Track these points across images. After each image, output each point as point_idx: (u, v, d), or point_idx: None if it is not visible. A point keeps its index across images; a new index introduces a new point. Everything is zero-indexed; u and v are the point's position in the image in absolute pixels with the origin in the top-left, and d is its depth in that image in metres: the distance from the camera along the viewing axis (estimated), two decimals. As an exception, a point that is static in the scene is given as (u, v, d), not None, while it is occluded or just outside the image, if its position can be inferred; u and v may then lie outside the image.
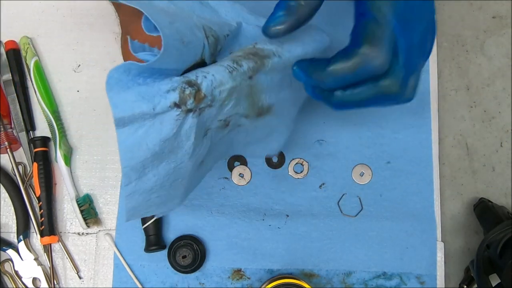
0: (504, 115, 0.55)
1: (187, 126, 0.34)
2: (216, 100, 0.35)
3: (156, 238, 0.50)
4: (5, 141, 0.53)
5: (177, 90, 0.33)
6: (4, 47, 0.55)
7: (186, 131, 0.34)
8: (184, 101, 0.33)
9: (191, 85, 0.33)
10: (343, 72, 0.34)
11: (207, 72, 0.34)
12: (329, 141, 0.54)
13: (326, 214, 0.52)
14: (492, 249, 0.46)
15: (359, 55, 0.33)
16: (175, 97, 0.33)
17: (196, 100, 0.33)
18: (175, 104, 0.33)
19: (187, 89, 0.33)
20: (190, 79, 0.33)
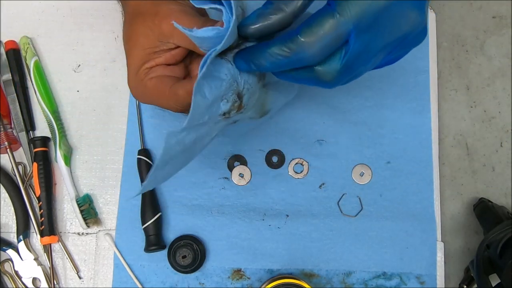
0: (504, 115, 0.55)
1: (217, 127, 0.37)
2: (246, 109, 0.37)
3: (156, 238, 0.50)
4: (5, 141, 0.53)
5: (230, 102, 0.35)
6: (4, 47, 0.55)
7: (214, 131, 0.37)
8: (230, 111, 0.36)
9: (240, 97, 0.36)
10: (278, 57, 0.32)
11: (248, 83, 0.36)
12: (329, 141, 0.54)
13: (326, 214, 0.52)
14: (492, 249, 0.46)
15: (294, 43, 0.31)
16: (226, 108, 0.35)
17: (237, 111, 0.36)
18: (224, 113, 0.36)
19: (237, 102, 0.36)
20: (239, 91, 0.35)
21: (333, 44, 0.31)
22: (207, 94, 0.33)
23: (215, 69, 0.34)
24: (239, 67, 0.35)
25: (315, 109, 0.54)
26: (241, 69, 0.36)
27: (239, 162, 0.53)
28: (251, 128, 0.54)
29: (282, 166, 0.53)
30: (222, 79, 0.34)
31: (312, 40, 0.31)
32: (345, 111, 0.54)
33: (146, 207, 0.51)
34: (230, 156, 0.54)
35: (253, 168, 0.53)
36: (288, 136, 0.54)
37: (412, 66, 0.55)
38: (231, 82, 0.35)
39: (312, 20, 0.31)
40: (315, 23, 0.30)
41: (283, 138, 0.54)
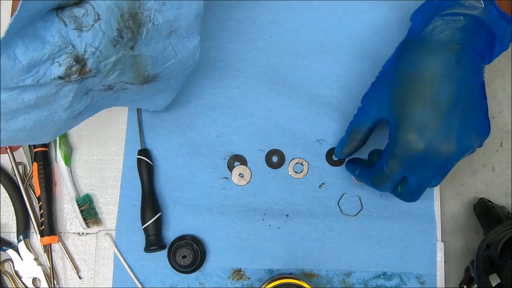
0: (504, 115, 0.55)
1: (67, 88, 0.35)
2: (100, 72, 0.35)
3: (156, 238, 0.50)
4: (5, 141, 0.53)
5: (63, 66, 0.33)
6: (4, 47, 0.55)
7: (65, 92, 0.35)
8: (69, 75, 0.33)
9: (78, 61, 0.33)
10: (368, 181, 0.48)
11: (95, 47, 0.34)
12: (329, 141, 0.54)
13: (326, 214, 0.52)
14: (492, 249, 0.46)
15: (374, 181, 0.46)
16: (60, 72, 0.33)
17: (80, 75, 0.34)
18: (59, 77, 0.33)
19: (74, 66, 0.33)
20: (78, 54, 0.33)
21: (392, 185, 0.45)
22: (19, 56, 0.31)
23: (40, 27, 0.32)
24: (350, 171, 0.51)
25: (315, 109, 0.54)
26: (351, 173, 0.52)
27: (239, 162, 0.53)
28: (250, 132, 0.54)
29: (282, 166, 0.53)
30: (47, 40, 0.32)
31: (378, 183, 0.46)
32: (345, 111, 0.54)
33: (146, 207, 0.51)
34: (230, 156, 0.54)
35: (253, 168, 0.53)
36: (288, 136, 0.54)
37: (412, 66, 0.55)
38: (61, 45, 0.32)
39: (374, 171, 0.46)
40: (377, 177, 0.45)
41: (283, 138, 0.54)
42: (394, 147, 0.43)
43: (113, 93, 0.40)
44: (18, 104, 0.33)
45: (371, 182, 0.46)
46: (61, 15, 0.33)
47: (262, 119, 0.54)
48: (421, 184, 0.44)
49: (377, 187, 0.46)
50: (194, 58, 0.43)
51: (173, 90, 0.47)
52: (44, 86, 0.33)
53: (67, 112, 0.37)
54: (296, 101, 0.54)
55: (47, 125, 0.37)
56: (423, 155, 0.41)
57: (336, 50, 0.55)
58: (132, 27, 0.36)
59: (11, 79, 0.31)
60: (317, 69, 0.55)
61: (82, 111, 0.39)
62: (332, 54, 0.55)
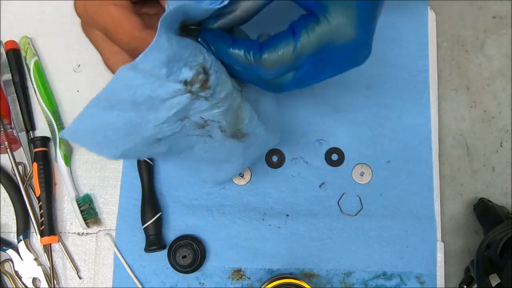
0: (504, 115, 0.55)
1: (177, 100, 0.35)
2: (214, 96, 0.36)
3: (156, 238, 0.50)
4: (5, 141, 0.53)
5: (193, 70, 0.33)
6: (4, 47, 0.55)
7: (173, 104, 0.35)
8: (193, 83, 0.34)
9: (205, 72, 0.34)
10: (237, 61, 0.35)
11: (218, 68, 0.35)
12: (329, 141, 0.54)
13: (326, 213, 0.52)
14: (492, 249, 0.46)
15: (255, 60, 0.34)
16: (189, 75, 0.33)
17: (201, 87, 0.34)
18: (185, 82, 0.34)
19: (201, 75, 0.34)
20: (205, 66, 0.34)
21: (288, 68, 0.34)
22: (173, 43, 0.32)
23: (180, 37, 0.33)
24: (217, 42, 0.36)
25: (315, 109, 0.54)
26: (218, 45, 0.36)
27: (239, 162, 0.53)
28: None
29: (282, 165, 0.53)
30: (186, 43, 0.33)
31: (271, 63, 0.34)
32: (345, 111, 0.54)
33: (146, 207, 0.51)
34: None
35: (253, 168, 0.53)
36: (288, 136, 0.54)
37: (412, 66, 0.55)
38: (196, 52, 0.34)
39: (275, 44, 0.34)
40: (277, 49, 0.34)
41: (283, 138, 0.54)
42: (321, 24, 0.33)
43: (197, 136, 0.40)
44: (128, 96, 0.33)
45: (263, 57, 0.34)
46: None
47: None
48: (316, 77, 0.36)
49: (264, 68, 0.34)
50: (276, 136, 0.45)
51: (239, 165, 0.47)
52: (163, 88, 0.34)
53: (155, 130, 0.37)
54: (296, 101, 0.54)
55: (130, 135, 0.37)
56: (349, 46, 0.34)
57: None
58: None
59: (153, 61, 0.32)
60: (317, 69, 0.54)
61: (163, 139, 0.39)
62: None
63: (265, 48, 0.34)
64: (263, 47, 0.34)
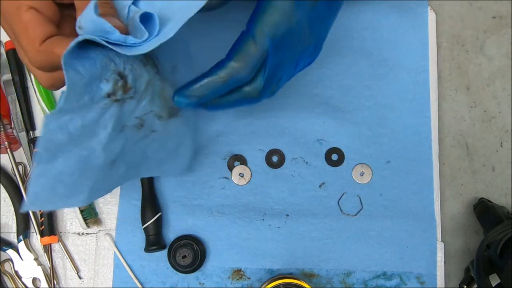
0: (504, 115, 0.55)
1: (108, 115, 0.35)
2: (137, 92, 0.37)
3: (156, 238, 0.50)
4: (5, 141, 0.53)
5: (110, 81, 0.34)
6: (4, 47, 0.55)
7: (105, 120, 0.36)
8: (115, 92, 0.35)
9: (121, 77, 0.35)
10: (217, 83, 0.37)
11: (131, 64, 0.36)
12: (329, 141, 0.54)
13: (326, 213, 0.52)
14: (492, 249, 0.46)
15: (229, 68, 0.37)
16: (108, 88, 0.34)
17: (124, 92, 0.35)
18: (108, 95, 0.35)
19: (119, 82, 0.35)
20: (119, 70, 0.35)
21: (259, 62, 0.37)
22: (82, 71, 0.32)
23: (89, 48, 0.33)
24: (179, 104, 0.38)
25: (315, 109, 0.54)
26: (182, 105, 0.38)
27: (239, 162, 0.53)
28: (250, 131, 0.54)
29: (282, 165, 0.53)
30: (94, 58, 0.33)
31: (243, 62, 0.36)
32: (345, 111, 0.54)
33: (146, 207, 0.51)
34: (230, 156, 0.54)
35: (253, 168, 0.53)
36: (288, 136, 0.54)
37: (412, 65, 0.55)
38: (106, 61, 0.34)
39: (238, 46, 0.37)
40: (242, 49, 0.36)
41: (283, 138, 0.54)
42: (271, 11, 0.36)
43: (142, 139, 0.40)
44: (63, 136, 0.34)
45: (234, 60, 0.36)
46: None
47: (262, 119, 0.54)
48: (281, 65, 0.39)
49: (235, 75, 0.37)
50: None
51: (191, 141, 0.47)
52: (91, 110, 0.34)
53: (104, 154, 0.37)
54: (296, 101, 0.54)
55: (85, 172, 0.37)
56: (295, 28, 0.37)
57: (336, 50, 0.55)
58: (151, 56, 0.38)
59: (74, 95, 0.33)
60: (317, 68, 0.54)
61: (116, 159, 0.39)
62: (332, 53, 0.55)
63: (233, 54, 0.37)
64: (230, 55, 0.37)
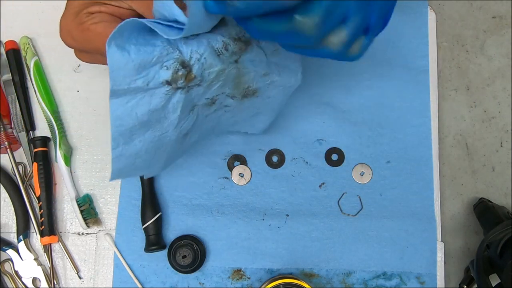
0: (504, 115, 0.55)
1: (174, 100, 0.36)
2: (204, 80, 0.36)
3: (156, 238, 0.50)
4: (5, 141, 0.53)
5: (170, 70, 0.34)
6: (4, 47, 0.55)
7: (174, 105, 0.36)
8: (176, 80, 0.35)
9: (184, 66, 0.35)
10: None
11: (200, 54, 0.35)
12: (329, 141, 0.54)
13: (326, 213, 0.52)
14: (492, 249, 0.46)
15: None
16: (167, 76, 0.34)
17: (186, 81, 0.35)
18: (167, 82, 0.35)
19: (180, 71, 0.35)
20: (184, 60, 0.35)
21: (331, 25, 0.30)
22: (133, 55, 0.32)
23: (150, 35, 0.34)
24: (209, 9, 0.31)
25: (315, 109, 0.54)
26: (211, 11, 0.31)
27: (239, 162, 0.53)
28: None
29: (282, 165, 0.53)
30: (156, 45, 0.34)
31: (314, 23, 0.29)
32: (345, 111, 0.54)
33: (146, 207, 0.51)
34: (230, 156, 0.54)
35: (253, 168, 0.53)
36: (288, 136, 0.54)
37: (412, 65, 0.55)
38: (168, 49, 0.34)
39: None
40: None
41: (283, 138, 0.54)
42: None
43: (215, 111, 0.41)
44: (133, 120, 0.35)
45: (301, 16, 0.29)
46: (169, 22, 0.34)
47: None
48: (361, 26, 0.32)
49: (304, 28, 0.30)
50: (296, 78, 0.44)
51: (272, 111, 0.47)
52: (154, 97, 0.35)
53: (176, 132, 0.39)
54: (296, 101, 0.54)
55: (160, 148, 0.39)
56: None
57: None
58: (240, 43, 0.38)
59: (123, 78, 0.33)
60: (317, 68, 0.54)
61: (189, 132, 0.40)
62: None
63: None
64: None
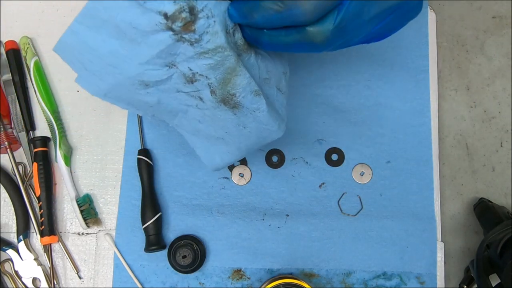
0: (504, 115, 0.55)
1: (159, 36, 0.33)
2: (199, 44, 0.34)
3: (156, 238, 0.50)
4: (5, 141, 0.53)
5: (176, 6, 0.32)
6: (4, 47, 0.55)
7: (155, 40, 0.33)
8: (173, 20, 0.32)
9: (191, 13, 0.32)
10: (269, 10, 0.31)
11: (212, 14, 0.33)
12: (329, 141, 0.54)
13: (326, 213, 0.52)
14: (492, 249, 0.46)
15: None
16: (169, 9, 0.32)
17: (183, 28, 0.32)
18: (164, 16, 0.32)
19: (185, 13, 0.32)
20: (194, 6, 0.32)
21: (327, 3, 0.30)
22: None
23: None
24: (230, 16, 0.33)
25: (315, 109, 0.54)
26: (232, 19, 0.34)
27: (239, 162, 0.53)
28: None
29: (282, 165, 0.53)
30: None
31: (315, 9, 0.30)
32: (345, 111, 0.54)
33: (146, 207, 0.51)
34: None
35: (253, 168, 0.53)
36: (288, 136, 0.54)
37: (412, 65, 0.55)
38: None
39: None
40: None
41: (283, 138, 0.53)
42: None
43: (187, 96, 0.38)
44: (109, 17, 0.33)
45: None
46: None
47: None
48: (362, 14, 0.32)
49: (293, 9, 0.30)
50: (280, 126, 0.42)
51: (237, 149, 0.43)
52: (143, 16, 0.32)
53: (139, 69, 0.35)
54: (296, 101, 0.54)
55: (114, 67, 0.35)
56: None
57: (336, 50, 0.55)
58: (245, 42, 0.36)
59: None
60: (317, 68, 0.55)
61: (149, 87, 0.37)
62: (332, 53, 0.55)
63: None
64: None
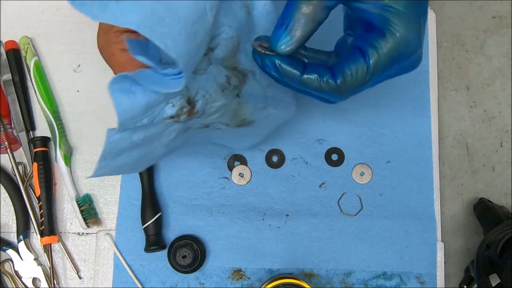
0: (504, 115, 0.55)
1: (172, 128, 0.37)
2: (205, 113, 0.37)
3: (156, 238, 0.50)
4: (5, 141, 0.53)
5: (176, 107, 0.34)
6: (4, 47, 0.55)
7: (170, 131, 0.37)
8: (179, 116, 0.35)
9: (190, 102, 0.35)
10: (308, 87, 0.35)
11: (206, 90, 0.36)
12: (329, 141, 0.54)
13: (326, 213, 0.52)
14: (492, 249, 0.46)
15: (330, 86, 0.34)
16: (172, 112, 0.35)
17: (188, 116, 0.36)
18: (171, 117, 0.35)
19: (185, 107, 0.35)
20: (190, 96, 0.35)
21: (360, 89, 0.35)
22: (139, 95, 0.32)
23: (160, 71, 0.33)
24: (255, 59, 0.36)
25: (315, 109, 0.54)
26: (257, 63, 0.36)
27: (239, 162, 0.53)
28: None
29: (282, 165, 0.53)
30: None
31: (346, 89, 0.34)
32: (345, 111, 0.54)
33: (146, 207, 0.51)
34: (230, 156, 0.54)
35: (253, 168, 0.53)
36: (288, 136, 0.54)
37: (412, 66, 0.55)
38: None
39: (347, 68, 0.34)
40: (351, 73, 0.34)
41: (283, 138, 0.54)
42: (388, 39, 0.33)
43: (206, 131, 0.42)
44: (126, 144, 0.35)
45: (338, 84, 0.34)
46: None
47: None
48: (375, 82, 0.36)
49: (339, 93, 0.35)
50: (290, 110, 0.45)
51: (259, 136, 0.48)
52: (154, 126, 0.35)
53: (165, 149, 0.39)
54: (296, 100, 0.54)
55: (145, 158, 0.39)
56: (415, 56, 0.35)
57: (336, 50, 0.55)
58: (239, 75, 0.38)
59: (131, 119, 0.33)
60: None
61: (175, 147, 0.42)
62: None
63: (338, 73, 0.34)
64: (336, 73, 0.34)
